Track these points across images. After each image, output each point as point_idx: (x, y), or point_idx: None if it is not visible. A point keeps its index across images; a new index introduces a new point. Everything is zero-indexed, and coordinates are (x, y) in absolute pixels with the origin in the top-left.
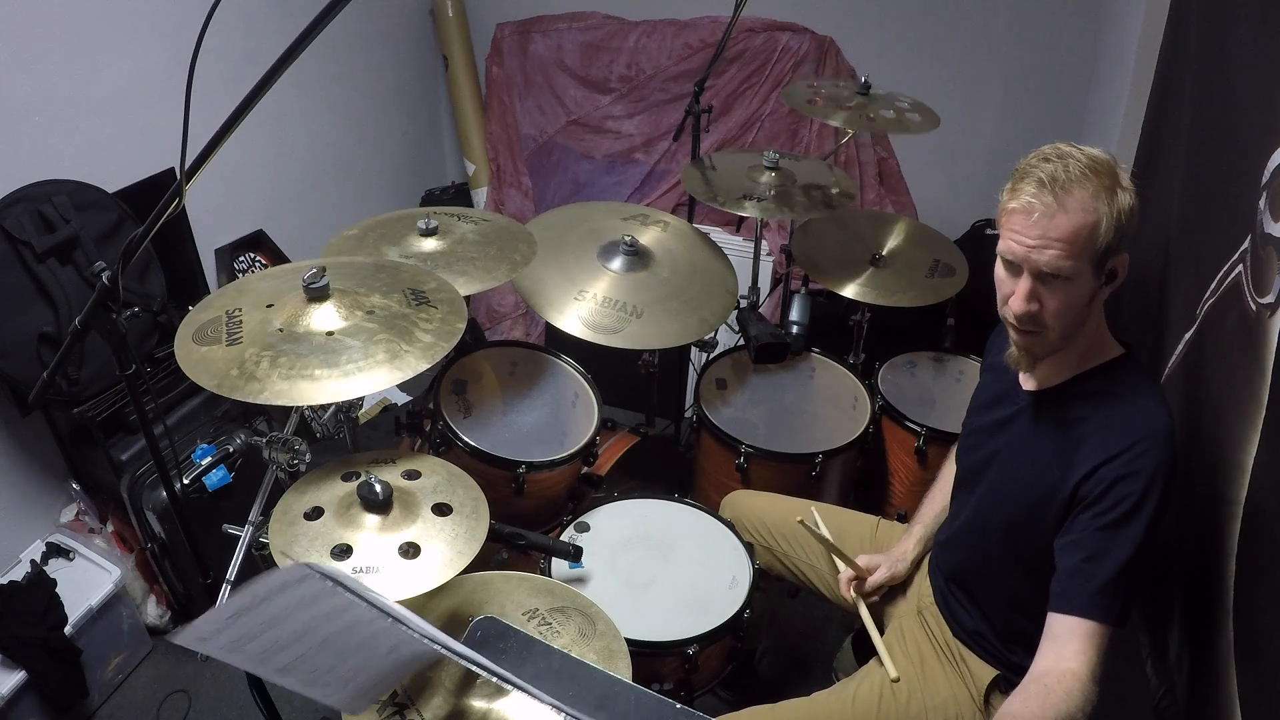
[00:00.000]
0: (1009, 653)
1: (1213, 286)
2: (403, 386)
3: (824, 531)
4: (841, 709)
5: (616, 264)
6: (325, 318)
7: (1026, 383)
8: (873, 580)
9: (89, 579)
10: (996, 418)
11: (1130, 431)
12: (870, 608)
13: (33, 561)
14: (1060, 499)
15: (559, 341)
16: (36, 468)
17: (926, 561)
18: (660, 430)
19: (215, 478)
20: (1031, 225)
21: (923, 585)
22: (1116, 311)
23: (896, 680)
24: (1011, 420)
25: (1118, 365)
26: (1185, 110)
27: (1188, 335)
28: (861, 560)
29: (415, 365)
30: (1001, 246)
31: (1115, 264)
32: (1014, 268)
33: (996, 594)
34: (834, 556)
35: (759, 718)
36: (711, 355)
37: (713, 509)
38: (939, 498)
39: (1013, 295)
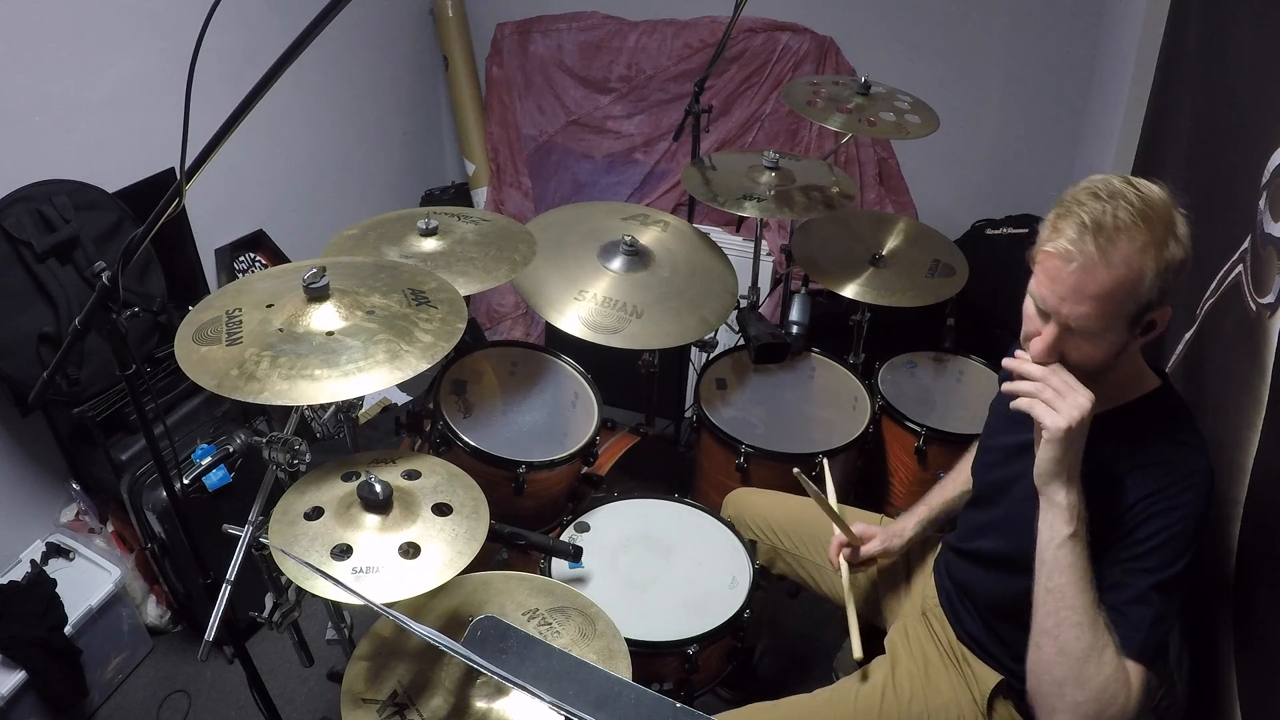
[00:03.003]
0: (1014, 661)
1: (1213, 286)
2: (403, 386)
3: (828, 488)
4: (843, 708)
5: (616, 264)
6: (325, 318)
7: None
8: (865, 550)
9: (89, 579)
10: (1018, 440)
11: (1169, 475)
12: (870, 601)
13: (33, 561)
14: None
15: (559, 341)
16: (36, 468)
17: (932, 562)
18: (660, 430)
19: (215, 478)
20: (1067, 274)
21: (927, 586)
22: None
23: (861, 661)
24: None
25: (1154, 401)
26: (1185, 110)
27: (1188, 335)
28: (857, 528)
29: (415, 365)
30: (1033, 286)
31: (1155, 316)
32: (1042, 311)
33: (1005, 614)
34: (830, 518)
35: (759, 715)
36: (711, 355)
37: (713, 509)
38: (951, 486)
39: (1037, 337)
